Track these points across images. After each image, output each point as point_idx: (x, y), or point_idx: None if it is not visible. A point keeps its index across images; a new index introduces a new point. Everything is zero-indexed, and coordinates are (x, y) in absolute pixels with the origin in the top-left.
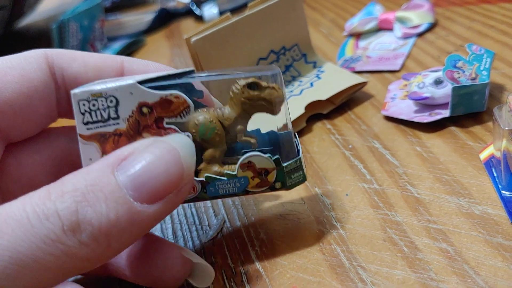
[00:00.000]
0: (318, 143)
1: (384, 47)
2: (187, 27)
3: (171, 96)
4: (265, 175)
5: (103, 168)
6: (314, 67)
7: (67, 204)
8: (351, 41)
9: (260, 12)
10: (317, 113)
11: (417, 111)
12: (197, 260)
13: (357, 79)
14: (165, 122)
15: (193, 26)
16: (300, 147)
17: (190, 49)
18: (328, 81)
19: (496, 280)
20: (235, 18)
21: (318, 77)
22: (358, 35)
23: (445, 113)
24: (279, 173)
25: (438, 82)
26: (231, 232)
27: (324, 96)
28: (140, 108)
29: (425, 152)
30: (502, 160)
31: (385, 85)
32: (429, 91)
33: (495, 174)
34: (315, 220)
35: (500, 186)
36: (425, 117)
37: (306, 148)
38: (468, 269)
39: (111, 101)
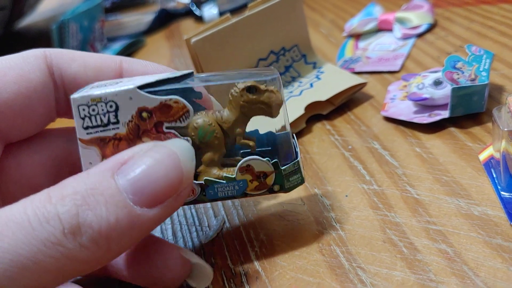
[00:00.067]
0: (318, 144)
1: (384, 48)
2: (187, 28)
3: (171, 101)
4: (264, 178)
5: (103, 172)
6: (314, 68)
7: (68, 208)
8: (351, 42)
9: (260, 13)
10: (317, 114)
11: (417, 112)
12: (196, 261)
13: (357, 80)
14: (165, 127)
15: (193, 27)
16: (298, 149)
17: (190, 50)
18: (328, 82)
19: (495, 281)
20: (235, 19)
21: (318, 78)
22: (358, 36)
23: (445, 114)
24: (278, 176)
25: (438, 83)
26: (231, 233)
27: (324, 97)
28: (140, 113)
29: (425, 153)
30: (502, 161)
31: (385, 86)
32: (429, 92)
33: (495, 175)
34: (315, 221)
35: (500, 187)
36: (425, 118)
37: (306, 149)
38: (468, 270)
39: (111, 106)
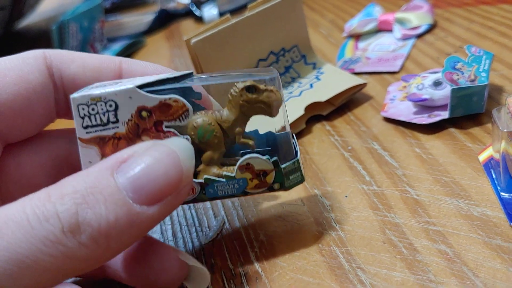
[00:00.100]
0: (318, 145)
1: (384, 48)
2: (187, 28)
3: (170, 100)
4: (264, 177)
5: (103, 171)
6: (314, 68)
7: (67, 206)
8: (351, 42)
9: (260, 14)
10: (317, 115)
11: (416, 113)
12: (193, 263)
13: (357, 81)
14: (164, 126)
15: (193, 27)
16: (298, 148)
17: (190, 51)
18: (328, 83)
19: (495, 282)
20: (235, 20)
21: (318, 79)
22: (358, 36)
23: (444, 115)
24: (278, 175)
25: (437, 84)
26: (231, 234)
27: (324, 98)
28: (139, 112)
29: (424, 154)
30: (501, 162)
31: (385, 87)
32: (428, 93)
33: (494, 176)
34: (315, 222)
35: (499, 188)
36: (424, 119)
37: (306, 150)
38: (467, 271)
39: (111, 105)
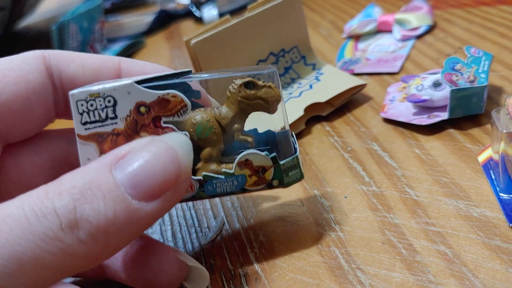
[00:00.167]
0: (317, 145)
1: (383, 49)
2: (187, 29)
3: (169, 96)
4: (263, 173)
5: (101, 167)
6: (313, 69)
7: (65, 202)
8: (350, 43)
9: (260, 14)
10: (316, 115)
11: (416, 114)
12: (193, 264)
13: (356, 81)
14: (163, 121)
15: (193, 28)
16: (297, 146)
17: (190, 51)
18: (327, 83)
19: (494, 283)
20: (235, 20)
21: (317, 79)
22: (357, 37)
23: (444, 116)
24: (277, 171)
25: (437, 85)
26: (230, 234)
27: (323, 98)
28: (138, 108)
29: (424, 155)
30: (500, 163)
31: (384, 87)
32: (428, 94)
33: (493, 177)
34: (314, 222)
35: (498, 189)
36: (424, 120)
37: (305, 150)
38: (466, 272)
39: (109, 101)
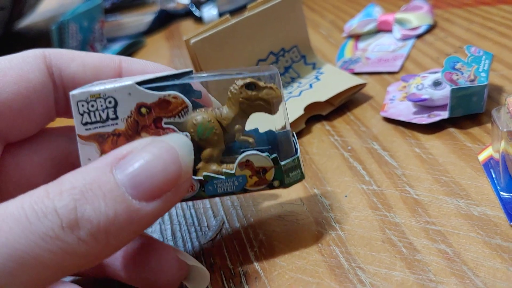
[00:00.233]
0: (317, 145)
1: (383, 49)
2: (187, 29)
3: (170, 97)
4: (263, 174)
5: (102, 167)
6: (313, 69)
7: (66, 202)
8: (350, 43)
9: (260, 14)
10: (316, 115)
11: (416, 113)
12: (193, 263)
13: (356, 81)
14: (164, 122)
15: (193, 28)
16: (298, 146)
17: (190, 51)
18: (327, 83)
19: (495, 282)
20: (235, 20)
21: (317, 79)
22: (357, 37)
23: (444, 115)
24: (277, 172)
25: (437, 84)
26: (230, 233)
27: (323, 98)
28: (139, 109)
29: (424, 154)
30: (501, 162)
31: (384, 87)
32: (428, 93)
33: (494, 176)
34: (314, 221)
35: (499, 188)
36: (424, 119)
37: (305, 149)
38: (467, 270)
39: (110, 102)
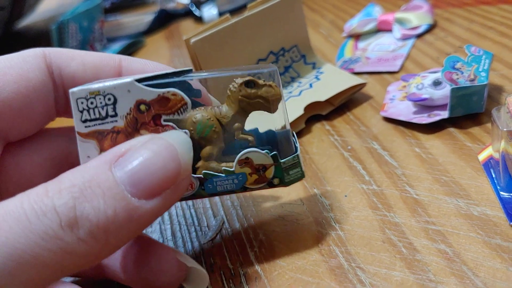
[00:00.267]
0: (317, 144)
1: (383, 48)
2: (187, 28)
3: (169, 94)
4: (263, 171)
5: (101, 165)
6: (313, 68)
7: (65, 200)
8: (350, 42)
9: (259, 13)
10: (316, 114)
11: (416, 112)
12: (192, 265)
13: (356, 80)
14: (163, 119)
15: (193, 27)
16: (298, 145)
17: (190, 50)
18: (327, 82)
19: (495, 282)
20: (235, 19)
21: (317, 78)
22: (357, 36)
23: (444, 114)
24: (277, 169)
25: (437, 83)
26: (230, 233)
27: (323, 97)
28: (138, 106)
29: (424, 153)
30: (501, 161)
31: (384, 86)
32: (428, 92)
33: (494, 175)
34: (314, 221)
35: (499, 187)
36: (424, 118)
37: (305, 149)
38: (467, 270)
39: (109, 99)
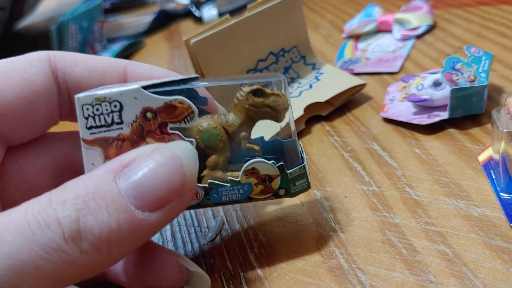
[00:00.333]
0: (317, 145)
1: (383, 49)
2: (187, 29)
3: (176, 102)
4: (269, 182)
5: (105, 175)
6: (313, 69)
7: (68, 212)
8: (350, 43)
9: (259, 14)
10: (316, 115)
11: (416, 113)
12: (194, 268)
13: (356, 81)
14: (169, 128)
15: (193, 28)
16: (305, 155)
17: (189, 51)
18: (327, 83)
19: (495, 283)
20: (234, 20)
21: (317, 79)
22: (357, 37)
23: (444, 115)
24: (283, 180)
25: (437, 84)
26: (230, 234)
27: (323, 98)
28: (144, 113)
29: (424, 154)
30: (501, 162)
31: (384, 87)
32: (428, 93)
33: (494, 176)
34: (314, 222)
35: (499, 188)
36: (424, 119)
37: (305, 150)
38: (467, 271)
39: (115, 106)
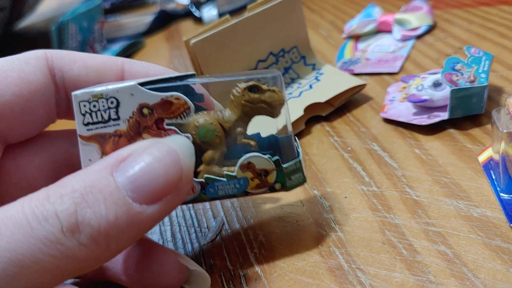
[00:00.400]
0: (317, 145)
1: (383, 49)
2: (186, 29)
3: (172, 98)
4: (265, 176)
5: (102, 170)
6: (313, 69)
7: (66, 206)
8: (350, 43)
9: (259, 14)
10: (316, 115)
11: (416, 114)
12: (194, 267)
13: (356, 81)
14: (165, 123)
15: (192, 28)
16: (300, 150)
17: (189, 51)
18: (327, 83)
19: (495, 283)
20: (234, 20)
21: (317, 79)
22: (357, 37)
23: (444, 116)
24: (279, 174)
25: (437, 85)
26: (230, 235)
27: (323, 98)
28: (141, 109)
29: (424, 155)
30: (501, 163)
31: (384, 88)
32: (428, 94)
33: (494, 177)
34: (314, 223)
35: (499, 189)
36: (424, 120)
37: (305, 150)
38: (467, 272)
39: (112, 102)
